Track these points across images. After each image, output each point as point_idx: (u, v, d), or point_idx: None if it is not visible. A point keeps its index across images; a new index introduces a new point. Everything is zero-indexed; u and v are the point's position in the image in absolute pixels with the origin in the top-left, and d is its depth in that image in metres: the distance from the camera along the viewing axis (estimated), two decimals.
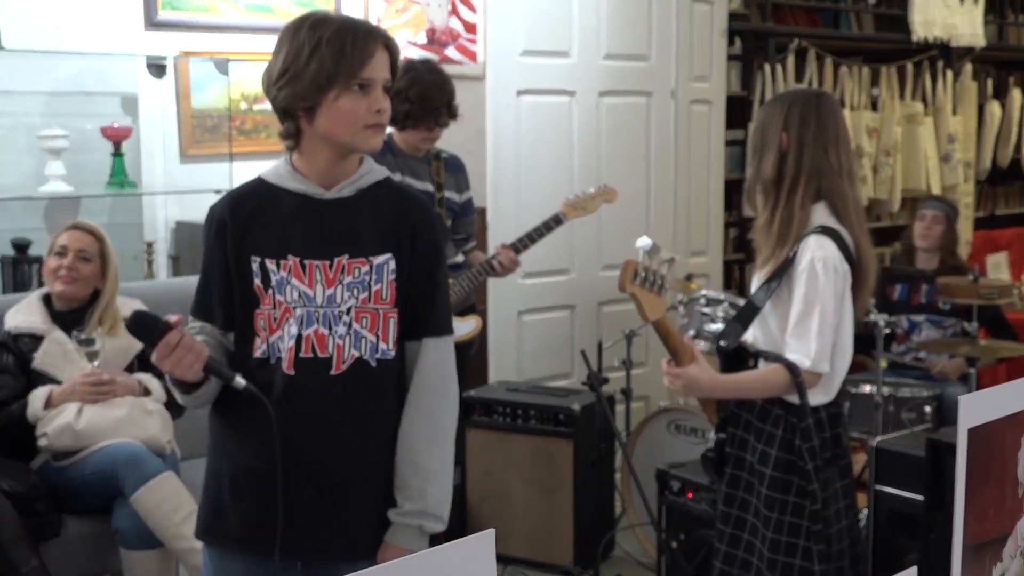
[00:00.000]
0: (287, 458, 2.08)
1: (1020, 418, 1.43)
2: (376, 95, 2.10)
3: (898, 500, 3.37)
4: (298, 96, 2.08)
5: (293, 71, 2.07)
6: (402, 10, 5.04)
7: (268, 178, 2.18)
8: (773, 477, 2.68)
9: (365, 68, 2.07)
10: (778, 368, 2.61)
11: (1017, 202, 8.50)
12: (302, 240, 2.13)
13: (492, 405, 4.38)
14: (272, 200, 2.15)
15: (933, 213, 4.96)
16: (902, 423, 4.25)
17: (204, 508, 2.24)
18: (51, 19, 4.17)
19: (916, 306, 4.79)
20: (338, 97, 2.07)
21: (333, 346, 2.11)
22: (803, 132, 2.69)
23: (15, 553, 3.09)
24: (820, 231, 2.67)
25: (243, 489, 2.16)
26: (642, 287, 2.55)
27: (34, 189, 4.10)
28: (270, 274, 2.12)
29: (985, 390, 1.39)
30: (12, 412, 3.44)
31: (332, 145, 2.13)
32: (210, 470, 2.24)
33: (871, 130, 6.75)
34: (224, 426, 2.20)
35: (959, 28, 7.10)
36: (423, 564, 0.88)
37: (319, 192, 2.15)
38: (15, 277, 4.06)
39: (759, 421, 2.71)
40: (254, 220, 2.15)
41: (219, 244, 2.16)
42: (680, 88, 5.62)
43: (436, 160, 4.04)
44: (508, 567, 4.27)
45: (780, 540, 2.67)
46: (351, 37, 2.07)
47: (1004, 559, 1.44)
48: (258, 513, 2.13)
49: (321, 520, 2.15)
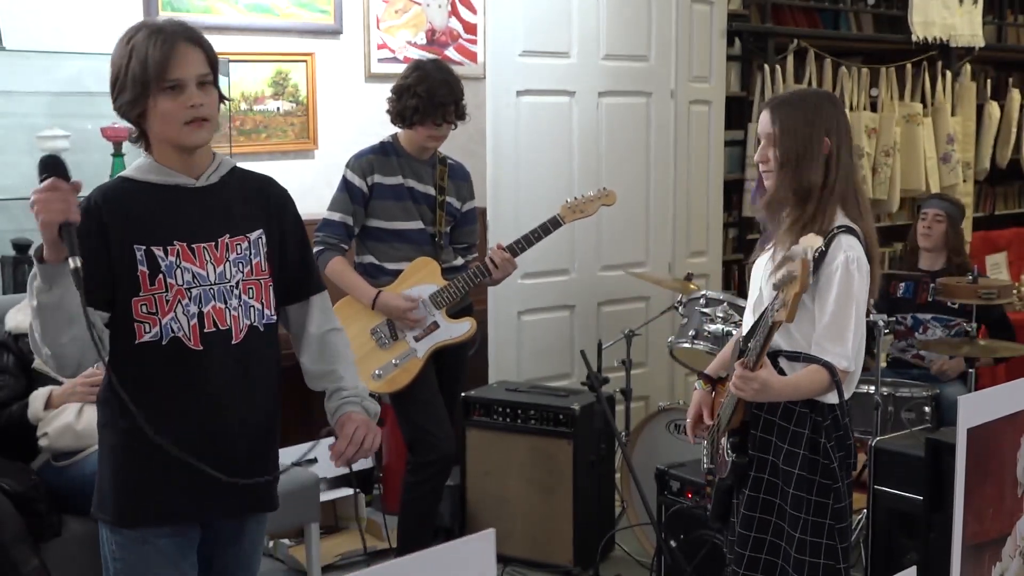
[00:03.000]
0: (204, 427, 2.30)
1: (1019, 418, 1.43)
2: (189, 92, 2.23)
3: (897, 500, 3.38)
4: (127, 105, 2.26)
5: (119, 84, 2.26)
6: (402, 11, 5.04)
7: (134, 176, 2.32)
8: (800, 477, 2.66)
9: (170, 70, 2.21)
10: (820, 369, 2.60)
11: (1016, 202, 8.50)
12: (185, 226, 2.29)
13: (492, 405, 4.39)
14: (144, 194, 2.29)
15: (934, 212, 4.91)
16: (901, 423, 4.24)
17: (120, 493, 2.33)
18: (52, 20, 4.17)
19: (923, 304, 4.77)
20: (156, 102, 2.23)
21: (230, 318, 2.32)
22: (841, 134, 2.73)
23: (16, 553, 3.09)
24: (846, 230, 2.68)
25: (166, 465, 2.25)
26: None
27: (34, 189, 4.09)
28: (158, 260, 2.26)
29: (984, 390, 1.39)
30: (13, 413, 3.45)
31: (170, 143, 2.28)
32: (118, 456, 2.35)
33: (870, 130, 6.75)
34: (126, 410, 2.20)
35: (958, 29, 7.10)
36: (424, 563, 0.88)
37: (190, 182, 2.32)
38: (15, 277, 4.06)
39: (783, 421, 2.68)
40: (130, 212, 2.27)
41: (99, 235, 2.23)
42: (680, 88, 5.62)
43: (441, 165, 4.03)
44: (508, 567, 4.27)
45: (807, 540, 2.65)
46: (154, 43, 2.22)
47: (1003, 559, 1.44)
48: (187, 486, 2.29)
49: (238, 478, 2.31)
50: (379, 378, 3.90)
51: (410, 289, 3.92)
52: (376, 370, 3.90)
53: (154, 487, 2.31)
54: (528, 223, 4.13)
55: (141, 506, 2.33)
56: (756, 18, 6.39)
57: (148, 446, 2.20)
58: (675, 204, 5.67)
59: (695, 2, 5.64)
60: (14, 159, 4.15)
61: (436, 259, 3.99)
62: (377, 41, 4.98)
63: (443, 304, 3.96)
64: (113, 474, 2.35)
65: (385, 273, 3.93)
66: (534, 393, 4.47)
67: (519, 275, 4.71)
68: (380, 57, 4.98)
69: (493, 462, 4.38)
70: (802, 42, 6.45)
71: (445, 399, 4.03)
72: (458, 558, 0.90)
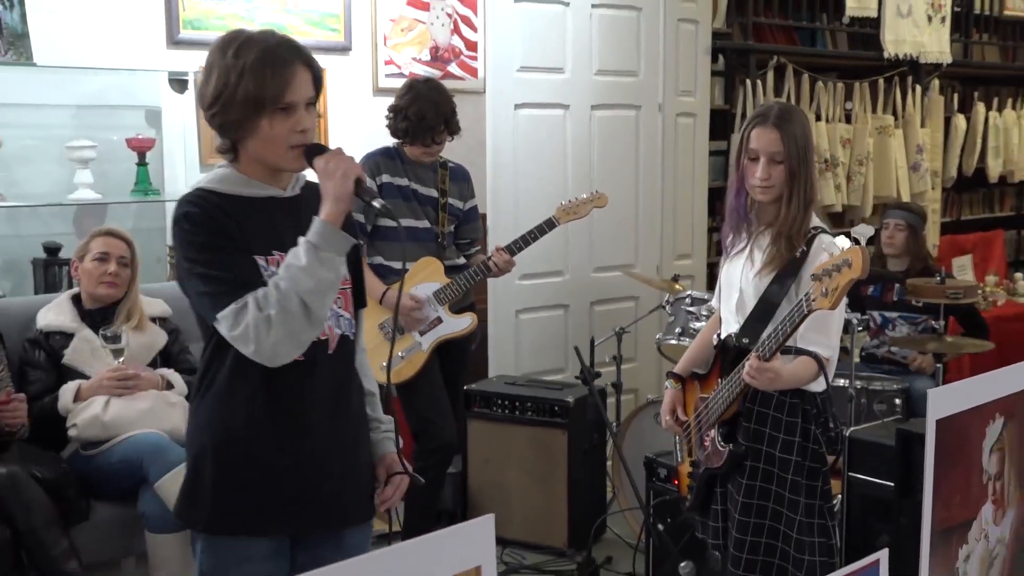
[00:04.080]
0: (305, 440, 2.14)
1: (985, 410, 1.43)
2: (299, 115, 2.09)
3: (870, 486, 3.37)
4: (232, 124, 2.09)
5: (225, 100, 2.07)
6: (407, 29, 5.03)
7: (218, 188, 2.13)
8: (798, 464, 2.66)
9: (286, 93, 2.06)
10: (809, 359, 2.60)
11: (981, 208, 8.50)
12: (280, 236, 2.11)
13: (491, 398, 4.39)
14: (234, 205, 2.11)
15: (895, 222, 4.97)
16: (874, 414, 4.25)
17: (218, 500, 2.14)
18: (80, 38, 4.16)
19: (889, 304, 4.80)
20: (264, 122, 2.07)
21: (326, 328, 2.14)
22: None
23: (47, 535, 3.09)
24: (823, 231, 2.69)
25: (264, 475, 2.13)
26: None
27: (64, 196, 4.10)
28: (261, 271, 2.09)
29: (952, 384, 1.39)
30: (44, 405, 3.45)
31: (264, 163, 2.14)
32: (218, 463, 2.14)
33: (845, 141, 6.75)
34: (238, 416, 2.12)
35: (927, 46, 7.10)
36: (428, 545, 0.88)
37: (280, 193, 2.17)
38: (46, 278, 4.06)
39: (777, 412, 2.68)
40: (232, 224, 2.09)
41: (228, 233, 2.08)
42: (667, 102, 5.62)
43: (443, 169, 4.05)
44: (507, 549, 4.27)
45: (805, 521, 2.66)
46: (271, 63, 2.05)
47: (969, 542, 1.44)
48: (284, 497, 2.14)
49: (338, 492, 2.19)
50: (385, 370, 3.89)
51: (415, 287, 3.92)
52: (383, 362, 3.88)
53: (251, 496, 2.13)
54: (526, 226, 4.12)
55: (241, 514, 2.13)
56: (738, 36, 6.39)
57: (249, 455, 2.10)
58: (663, 210, 5.68)
59: (681, 21, 5.64)
60: (45, 168, 4.15)
61: (440, 258, 4.00)
62: (384, 57, 4.97)
63: (446, 300, 3.96)
64: (212, 482, 2.13)
65: (393, 272, 3.92)
66: (531, 387, 4.48)
67: (517, 276, 4.71)
68: (387, 72, 4.97)
69: (493, 451, 4.38)
70: (781, 58, 6.45)
71: (448, 391, 4.04)
72: (460, 541, 0.90)
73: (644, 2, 5.47)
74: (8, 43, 3.86)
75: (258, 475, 2.13)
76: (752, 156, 2.68)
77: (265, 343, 1.99)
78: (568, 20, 5.19)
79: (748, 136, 2.69)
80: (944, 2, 7.16)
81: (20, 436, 3.34)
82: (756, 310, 2.68)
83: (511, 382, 4.55)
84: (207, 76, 2.11)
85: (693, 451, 2.90)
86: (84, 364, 3.51)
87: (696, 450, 2.87)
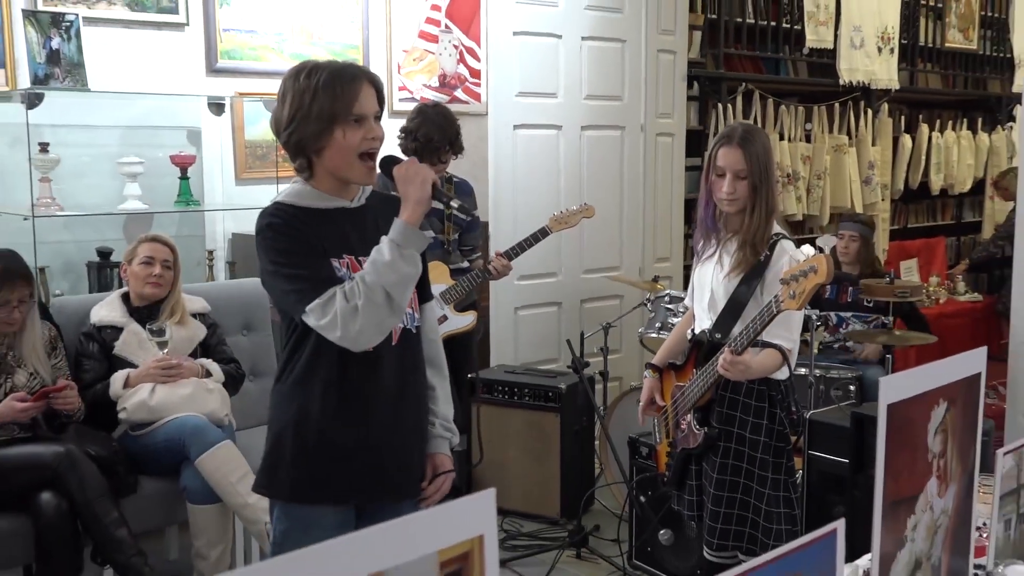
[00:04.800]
0: (372, 424, 2.15)
1: (930, 396, 1.42)
2: (369, 125, 2.10)
3: (827, 463, 3.37)
4: (308, 136, 2.08)
5: (300, 117, 2.07)
6: (419, 59, 5.03)
7: (294, 202, 2.13)
8: (765, 444, 2.65)
9: (356, 105, 2.07)
10: (774, 351, 2.59)
11: (925, 217, 8.50)
12: (348, 240, 2.13)
13: (493, 385, 4.38)
14: (311, 216, 2.12)
15: (850, 233, 4.97)
16: (831, 399, 4.24)
17: (297, 472, 2.14)
18: (129, 67, 4.16)
19: (844, 304, 4.80)
20: (338, 133, 2.07)
21: None
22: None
23: (99, 507, 3.09)
24: (784, 237, 2.68)
25: (338, 450, 2.13)
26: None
27: (115, 206, 4.09)
28: (335, 272, 2.10)
29: (901, 373, 1.38)
30: (97, 391, 3.45)
31: (336, 176, 2.13)
32: (300, 439, 2.14)
33: (805, 158, 6.74)
34: (314, 401, 2.12)
35: (877, 74, 7.10)
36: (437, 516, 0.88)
37: (347, 203, 2.17)
38: (99, 279, 4.05)
39: (747, 398, 2.67)
40: (309, 231, 2.10)
41: (306, 239, 2.08)
42: (648, 123, 5.61)
43: (448, 183, 4.03)
44: (506, 518, 4.26)
45: (771, 494, 2.65)
46: (340, 80, 2.07)
47: (916, 512, 1.44)
48: (357, 470, 2.15)
49: (396, 471, 2.21)
50: None
51: None
52: None
53: (322, 470, 2.13)
54: (525, 233, 4.12)
55: (315, 485, 2.14)
56: (711, 65, 6.38)
57: (322, 434, 2.11)
58: (644, 219, 5.67)
59: (661, 52, 5.64)
60: (97, 182, 4.15)
61: (445, 263, 3.99)
62: (398, 84, 4.96)
63: (451, 300, 3.95)
64: (291, 457, 2.13)
65: None
66: (528, 375, 4.47)
67: (515, 277, 4.70)
68: (400, 97, 4.96)
69: (494, 432, 4.37)
70: (749, 85, 6.44)
71: (453, 379, 4.02)
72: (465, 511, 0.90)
73: (628, 35, 5.46)
74: (66, 71, 3.85)
75: (329, 452, 2.13)
76: (719, 172, 2.67)
77: (351, 329, 2.00)
78: (561, 51, 5.19)
79: (715, 155, 2.68)
80: (892, 35, 7.16)
81: (77, 419, 3.34)
82: (726, 309, 2.68)
83: (510, 371, 4.54)
84: (281, 102, 2.11)
85: (671, 433, 2.89)
86: (132, 355, 3.51)
87: (674, 432, 2.87)
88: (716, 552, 2.72)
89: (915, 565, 1.45)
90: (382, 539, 0.83)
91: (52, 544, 3.03)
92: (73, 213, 4.02)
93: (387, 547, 0.83)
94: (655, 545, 3.72)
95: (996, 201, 8.14)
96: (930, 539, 1.48)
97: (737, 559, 2.69)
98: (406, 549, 0.84)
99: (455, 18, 5.13)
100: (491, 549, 0.90)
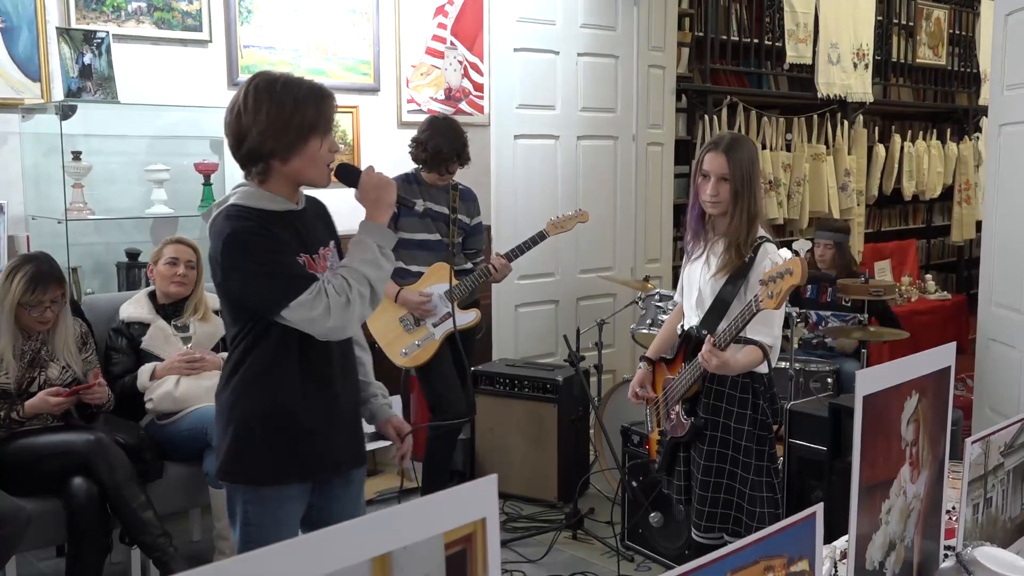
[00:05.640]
0: (327, 400, 2.18)
1: (903, 388, 1.42)
2: (331, 137, 2.13)
3: (807, 451, 3.37)
4: (281, 144, 2.06)
5: (280, 125, 2.04)
6: (426, 73, 5.03)
7: (247, 204, 2.10)
8: (750, 432, 2.64)
9: (332, 119, 2.12)
10: (755, 347, 2.58)
11: (898, 221, 8.49)
12: (301, 241, 2.14)
13: (495, 377, 4.38)
14: (268, 218, 2.10)
15: (824, 242, 4.97)
16: (810, 391, 4.24)
17: (263, 455, 2.12)
18: (157, 80, 4.16)
19: (824, 304, 4.79)
20: (315, 143, 2.08)
21: None
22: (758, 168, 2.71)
23: (127, 491, 3.09)
24: (767, 240, 2.66)
25: (303, 432, 2.14)
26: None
27: (143, 211, 4.10)
28: (304, 268, 2.13)
29: (876, 367, 1.38)
30: (125, 383, 3.45)
31: (295, 180, 2.13)
32: (266, 423, 2.12)
33: (785, 166, 6.74)
34: (276, 376, 2.12)
35: (853, 88, 7.10)
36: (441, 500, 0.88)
37: (295, 206, 2.17)
38: (128, 278, 4.05)
39: (732, 390, 2.66)
40: (275, 231, 2.11)
41: (276, 238, 2.09)
42: (639, 133, 5.60)
43: (454, 190, 4.02)
44: (507, 502, 4.26)
45: (755, 480, 2.65)
46: (320, 95, 2.09)
47: (891, 497, 1.44)
48: (317, 447, 2.16)
49: (348, 442, 2.25)
50: (406, 355, 3.89)
51: (430, 287, 3.91)
52: (403, 349, 3.88)
53: (291, 451, 2.13)
54: (524, 236, 4.11)
55: (284, 466, 2.13)
56: (698, 79, 6.38)
57: (294, 417, 2.11)
58: (635, 222, 5.67)
59: (651, 67, 5.63)
60: (126, 187, 4.15)
61: (450, 263, 3.98)
62: (407, 96, 4.96)
63: (455, 298, 3.95)
64: (260, 443, 2.12)
65: (409, 274, 3.91)
66: (528, 368, 4.47)
67: (516, 276, 4.70)
68: (409, 109, 4.96)
69: (496, 421, 4.37)
70: (733, 98, 6.44)
71: (458, 372, 4.02)
72: (468, 496, 0.90)
73: (621, 51, 5.46)
74: (97, 85, 3.85)
75: (296, 434, 2.14)
76: (704, 175, 2.67)
77: (343, 320, 2.04)
78: (558, 66, 5.18)
79: (702, 160, 2.68)
80: (867, 52, 7.16)
81: (106, 409, 3.34)
82: (713, 307, 2.67)
83: (511, 364, 4.54)
84: (256, 108, 2.06)
85: (661, 422, 2.88)
86: (159, 349, 3.51)
87: (664, 422, 2.86)
88: (703, 534, 2.71)
89: (889, 546, 1.45)
90: (391, 522, 0.82)
91: (83, 526, 3.03)
92: (104, 217, 4.02)
93: (396, 529, 0.83)
94: (646, 527, 3.72)
95: (963, 206, 8.15)
96: (903, 522, 1.48)
97: (723, 540, 2.68)
98: (414, 531, 0.84)
99: (460, 35, 5.12)
100: (493, 531, 0.90)
